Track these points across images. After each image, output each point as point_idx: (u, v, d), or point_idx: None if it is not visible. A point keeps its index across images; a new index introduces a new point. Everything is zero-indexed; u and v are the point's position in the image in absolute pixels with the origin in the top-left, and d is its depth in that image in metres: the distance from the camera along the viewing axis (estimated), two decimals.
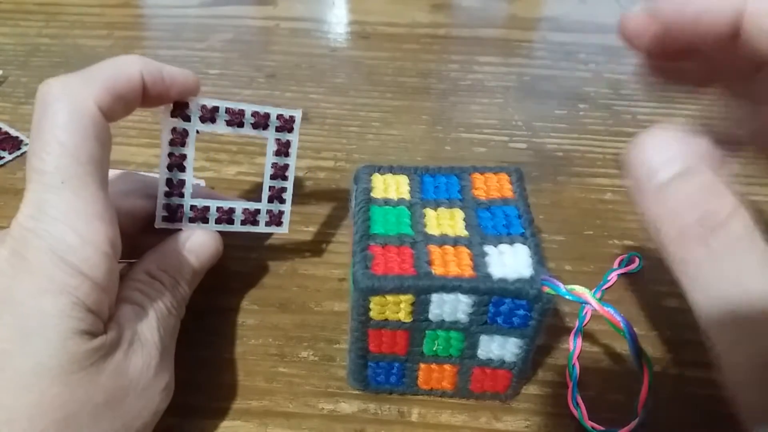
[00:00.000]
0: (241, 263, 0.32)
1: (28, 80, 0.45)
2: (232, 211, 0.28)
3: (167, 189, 0.26)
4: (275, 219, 0.29)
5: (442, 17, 0.54)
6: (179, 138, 0.26)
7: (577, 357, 0.26)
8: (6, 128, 0.40)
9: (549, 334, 0.29)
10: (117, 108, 0.23)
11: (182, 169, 0.27)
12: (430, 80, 0.46)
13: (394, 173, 0.28)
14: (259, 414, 0.26)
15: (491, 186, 0.27)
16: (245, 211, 0.28)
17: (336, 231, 0.34)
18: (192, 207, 0.27)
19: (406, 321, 0.23)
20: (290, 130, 0.28)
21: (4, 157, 0.38)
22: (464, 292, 0.22)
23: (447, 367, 0.25)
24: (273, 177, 0.28)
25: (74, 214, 0.21)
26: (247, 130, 0.27)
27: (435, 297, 0.23)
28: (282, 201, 0.29)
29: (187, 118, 0.26)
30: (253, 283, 0.31)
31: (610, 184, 0.37)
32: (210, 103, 0.26)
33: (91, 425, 0.20)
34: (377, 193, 0.26)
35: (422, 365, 0.25)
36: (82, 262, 0.20)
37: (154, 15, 0.55)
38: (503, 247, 0.24)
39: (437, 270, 0.23)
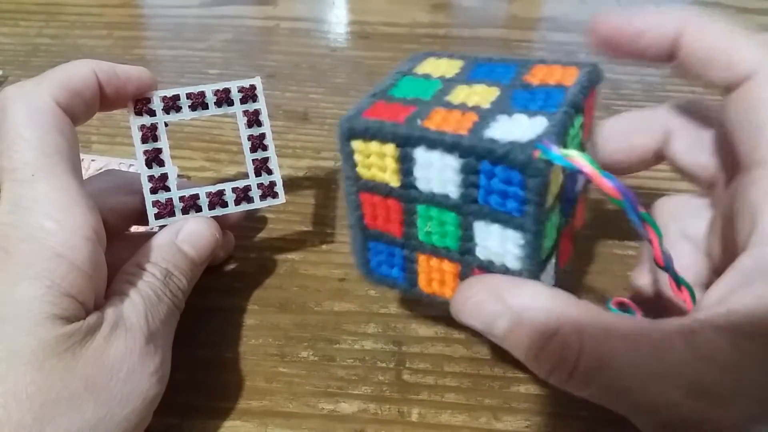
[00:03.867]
0: (241, 263, 0.32)
1: None
2: (222, 193, 0.28)
3: (151, 185, 0.26)
4: (268, 191, 0.28)
5: (442, 17, 0.54)
6: (150, 133, 0.26)
7: None
8: None
9: None
10: (76, 104, 0.24)
11: (161, 163, 0.27)
12: None
13: (451, 58, 0.25)
14: (259, 414, 0.26)
15: (552, 75, 0.23)
16: (235, 190, 0.28)
17: (336, 231, 0.34)
18: (181, 198, 0.27)
19: (394, 184, 0.22)
20: (254, 99, 0.28)
21: None
22: (447, 148, 0.20)
23: (446, 265, 0.23)
24: (253, 149, 0.28)
25: (49, 203, 0.21)
26: (213, 110, 0.28)
27: (419, 153, 0.20)
28: (269, 171, 0.28)
29: (152, 113, 0.27)
30: (253, 283, 0.31)
31: None
32: (170, 92, 0.27)
33: (71, 413, 0.20)
34: (420, 70, 0.25)
35: (421, 258, 0.24)
36: (60, 245, 0.21)
37: (154, 15, 0.55)
38: (519, 117, 0.20)
39: (427, 124, 0.20)
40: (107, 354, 0.21)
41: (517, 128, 0.20)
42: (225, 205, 0.28)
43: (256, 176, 0.28)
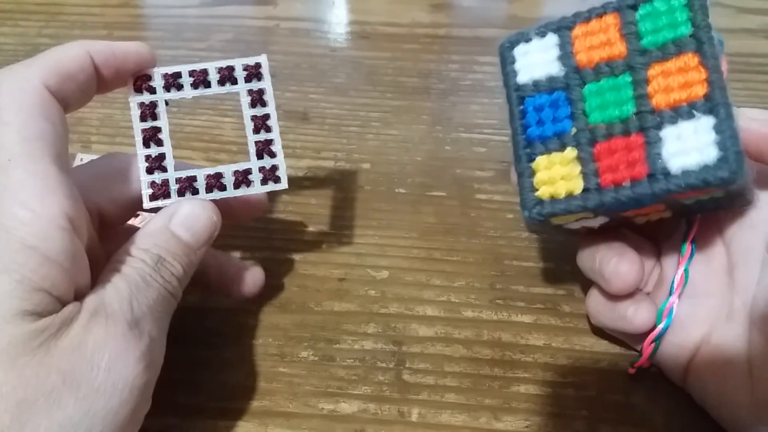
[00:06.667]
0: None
1: None
2: (220, 175, 0.26)
3: (147, 165, 0.25)
4: (270, 175, 0.26)
5: (442, 17, 0.54)
6: (149, 110, 0.26)
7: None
8: None
9: (547, 333, 0.29)
10: (68, 89, 0.23)
11: (159, 142, 0.26)
12: (430, 80, 0.46)
13: None
14: (259, 414, 0.26)
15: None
16: (235, 173, 0.26)
17: (336, 231, 0.34)
18: (177, 179, 0.26)
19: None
20: (259, 77, 0.27)
21: None
22: None
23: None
24: (256, 131, 0.27)
25: (24, 190, 0.20)
26: (216, 89, 0.27)
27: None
28: (272, 154, 0.27)
29: (152, 90, 0.26)
30: None
31: None
32: (171, 69, 0.26)
33: (50, 409, 0.19)
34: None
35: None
36: (31, 236, 0.19)
37: (154, 15, 0.55)
38: None
39: None
40: (85, 343, 0.20)
41: None
42: (223, 188, 0.26)
43: (258, 159, 0.27)
